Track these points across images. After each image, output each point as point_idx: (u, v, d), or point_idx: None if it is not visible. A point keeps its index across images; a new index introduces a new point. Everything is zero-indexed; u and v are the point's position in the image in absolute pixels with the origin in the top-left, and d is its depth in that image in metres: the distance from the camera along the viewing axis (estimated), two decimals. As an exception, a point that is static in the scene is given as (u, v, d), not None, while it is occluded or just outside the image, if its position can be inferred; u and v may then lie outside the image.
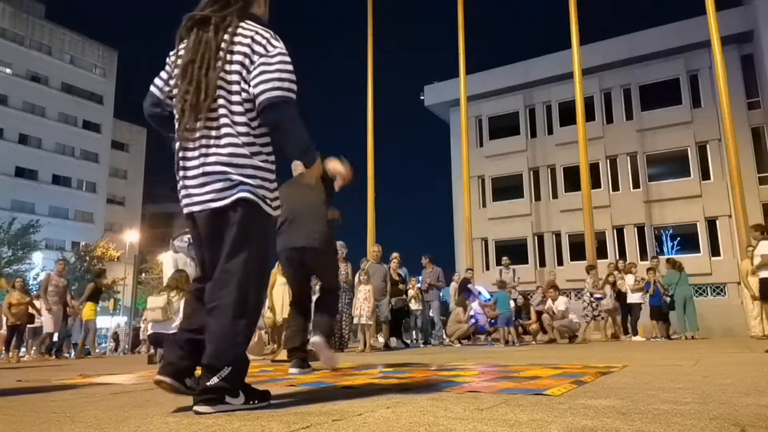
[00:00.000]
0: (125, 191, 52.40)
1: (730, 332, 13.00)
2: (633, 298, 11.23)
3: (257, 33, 2.04)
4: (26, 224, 33.71)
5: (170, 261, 8.11)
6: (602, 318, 10.97)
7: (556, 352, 6.29)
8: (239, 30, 2.04)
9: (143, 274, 35.59)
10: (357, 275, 8.77)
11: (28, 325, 10.91)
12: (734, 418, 1.54)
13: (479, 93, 24.76)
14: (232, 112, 2.00)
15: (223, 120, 1.99)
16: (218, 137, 1.98)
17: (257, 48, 2.01)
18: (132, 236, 37.84)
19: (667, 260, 11.83)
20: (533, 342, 10.28)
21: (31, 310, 10.64)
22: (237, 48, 2.02)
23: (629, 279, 11.39)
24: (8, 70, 42.95)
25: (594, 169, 20.48)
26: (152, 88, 2.21)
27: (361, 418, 1.66)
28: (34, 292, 13.01)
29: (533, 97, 25.56)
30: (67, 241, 42.81)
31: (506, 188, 25.46)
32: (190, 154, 2.02)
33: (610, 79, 23.80)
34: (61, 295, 10.92)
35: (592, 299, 11.00)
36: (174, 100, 2.10)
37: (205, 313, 1.95)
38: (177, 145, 2.07)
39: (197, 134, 2.00)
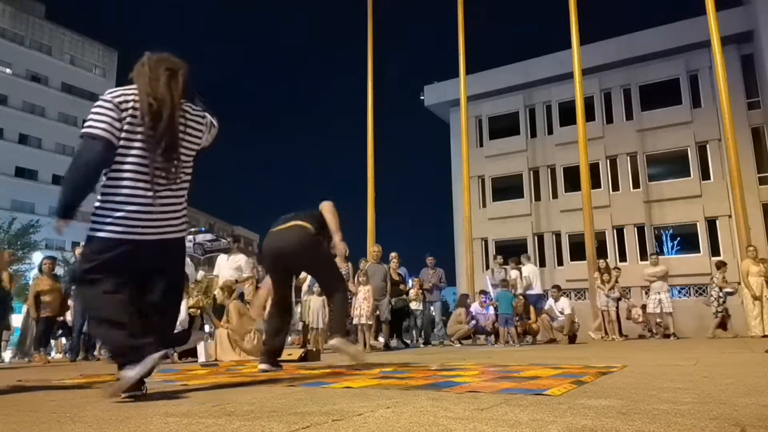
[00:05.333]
0: (125, 191, 52.37)
1: (729, 332, 12.96)
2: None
3: None
4: (26, 224, 33.71)
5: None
6: (724, 315, 10.83)
7: (556, 352, 6.29)
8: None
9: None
10: (356, 276, 8.79)
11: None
12: (734, 418, 1.54)
13: (479, 93, 24.72)
14: None
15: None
16: None
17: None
18: (132, 236, 37.79)
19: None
20: (533, 342, 10.28)
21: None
22: None
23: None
24: (8, 70, 42.97)
25: (594, 169, 20.43)
26: None
27: (361, 418, 1.66)
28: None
29: (533, 97, 25.54)
30: (67, 241, 42.71)
31: (506, 188, 25.44)
32: None
33: (610, 79, 23.78)
34: None
35: (720, 294, 10.88)
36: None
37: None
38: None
39: None
